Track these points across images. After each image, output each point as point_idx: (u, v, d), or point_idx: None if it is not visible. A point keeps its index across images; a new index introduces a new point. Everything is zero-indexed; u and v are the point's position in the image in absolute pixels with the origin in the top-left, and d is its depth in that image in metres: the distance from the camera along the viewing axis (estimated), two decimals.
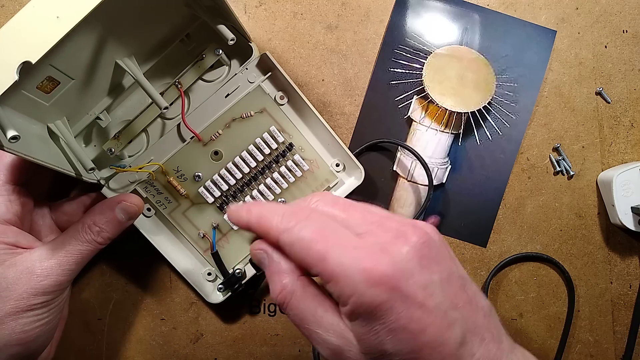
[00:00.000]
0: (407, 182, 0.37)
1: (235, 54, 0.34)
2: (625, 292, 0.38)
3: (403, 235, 0.21)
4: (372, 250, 0.20)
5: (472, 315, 0.21)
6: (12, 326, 0.26)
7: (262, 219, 0.23)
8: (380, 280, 0.19)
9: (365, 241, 0.21)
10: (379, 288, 0.19)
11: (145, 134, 0.34)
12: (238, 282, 0.35)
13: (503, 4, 0.37)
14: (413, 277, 0.20)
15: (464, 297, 0.21)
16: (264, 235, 0.23)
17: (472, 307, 0.21)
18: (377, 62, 0.37)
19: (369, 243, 0.21)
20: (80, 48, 0.26)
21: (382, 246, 0.20)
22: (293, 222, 0.22)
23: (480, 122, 0.37)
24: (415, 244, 0.20)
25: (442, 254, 0.21)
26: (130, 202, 0.31)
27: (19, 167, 0.29)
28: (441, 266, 0.21)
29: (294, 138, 0.35)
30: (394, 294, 0.19)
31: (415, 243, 0.21)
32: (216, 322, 0.37)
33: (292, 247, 0.22)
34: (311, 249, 0.21)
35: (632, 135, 0.38)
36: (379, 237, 0.21)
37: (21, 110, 0.27)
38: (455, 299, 0.21)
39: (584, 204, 0.38)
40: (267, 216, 0.23)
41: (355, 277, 0.20)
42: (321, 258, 0.21)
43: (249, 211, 0.24)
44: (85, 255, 0.29)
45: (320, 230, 0.21)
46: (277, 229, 0.22)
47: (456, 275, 0.21)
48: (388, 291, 0.19)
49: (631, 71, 0.37)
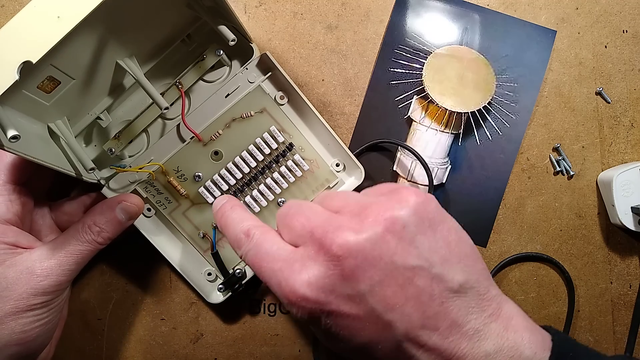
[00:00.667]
0: (407, 182, 0.37)
1: (236, 55, 0.34)
2: (625, 292, 0.38)
3: (323, 248, 0.21)
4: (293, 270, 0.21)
5: (420, 308, 0.20)
6: (12, 326, 0.26)
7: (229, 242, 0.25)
8: (298, 302, 0.21)
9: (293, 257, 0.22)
10: (300, 308, 0.21)
11: (145, 134, 0.34)
12: (238, 282, 0.35)
13: (503, 4, 0.37)
14: (334, 292, 0.20)
15: (410, 291, 0.20)
16: None
17: (421, 299, 0.20)
18: (377, 62, 0.37)
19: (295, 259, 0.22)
20: (81, 48, 0.26)
21: (304, 262, 0.21)
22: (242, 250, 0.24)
23: (480, 122, 0.37)
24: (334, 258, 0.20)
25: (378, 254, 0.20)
26: (131, 202, 0.31)
27: (19, 166, 0.29)
28: (373, 271, 0.20)
29: (294, 138, 0.35)
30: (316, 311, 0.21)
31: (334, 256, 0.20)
32: (216, 322, 0.37)
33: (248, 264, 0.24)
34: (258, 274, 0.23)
35: (632, 135, 0.38)
36: (307, 250, 0.22)
37: (22, 110, 0.27)
38: (393, 300, 0.20)
39: (584, 204, 0.38)
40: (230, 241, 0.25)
41: (282, 300, 0.21)
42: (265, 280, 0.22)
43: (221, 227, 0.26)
44: (85, 256, 0.29)
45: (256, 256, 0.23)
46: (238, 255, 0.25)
47: (399, 271, 0.20)
48: (309, 310, 0.21)
49: (631, 71, 0.37)
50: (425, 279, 0.21)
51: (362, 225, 0.21)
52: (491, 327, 0.21)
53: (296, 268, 0.21)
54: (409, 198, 0.22)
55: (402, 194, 0.22)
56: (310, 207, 0.23)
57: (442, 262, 0.21)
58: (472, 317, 0.21)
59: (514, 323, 0.22)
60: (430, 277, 0.21)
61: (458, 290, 0.21)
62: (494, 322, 0.21)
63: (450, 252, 0.22)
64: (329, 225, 0.21)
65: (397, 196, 0.22)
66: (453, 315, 0.20)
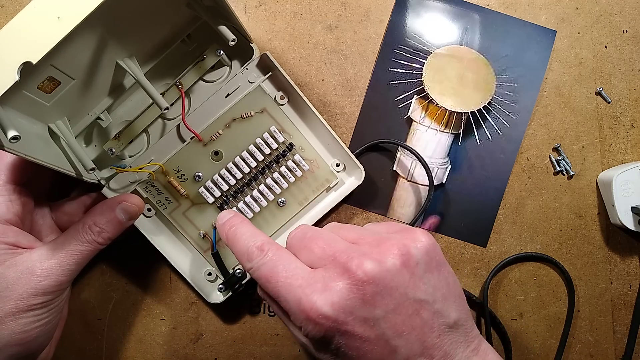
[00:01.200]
0: (407, 182, 0.37)
1: (236, 55, 0.34)
2: (625, 292, 0.38)
3: (347, 272, 0.23)
4: (314, 288, 0.22)
5: (422, 337, 0.23)
6: (12, 326, 0.26)
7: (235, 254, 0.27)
8: (317, 319, 0.22)
9: (313, 278, 0.23)
10: (317, 325, 0.22)
11: (145, 134, 0.34)
12: (238, 282, 0.35)
13: (503, 4, 0.37)
14: (352, 314, 0.22)
15: (416, 322, 0.23)
16: None
17: (424, 330, 0.23)
18: (377, 62, 0.37)
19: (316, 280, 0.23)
20: (81, 48, 0.26)
21: (327, 283, 0.22)
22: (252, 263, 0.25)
23: (480, 122, 0.37)
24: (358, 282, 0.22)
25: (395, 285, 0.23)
26: (131, 202, 0.31)
27: (19, 167, 0.29)
28: (389, 299, 0.22)
29: (294, 138, 0.35)
30: (332, 329, 0.22)
31: (359, 281, 0.22)
32: (216, 322, 0.37)
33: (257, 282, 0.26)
34: (267, 287, 0.24)
35: (632, 135, 0.38)
36: (329, 272, 0.23)
37: (22, 111, 0.27)
38: (401, 327, 0.22)
39: (584, 204, 0.38)
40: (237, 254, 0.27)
41: (298, 315, 0.23)
42: (275, 295, 0.24)
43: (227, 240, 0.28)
44: (85, 256, 0.29)
45: (271, 270, 0.24)
46: (245, 268, 0.26)
47: (410, 302, 0.23)
48: (326, 328, 0.22)
49: (631, 71, 0.37)
50: (429, 312, 0.23)
51: (383, 256, 0.23)
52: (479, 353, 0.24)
53: (318, 287, 0.22)
54: (422, 238, 0.24)
55: (416, 234, 0.25)
56: (329, 234, 0.26)
57: (443, 300, 0.24)
58: (460, 351, 0.23)
59: (489, 358, 0.24)
60: (432, 312, 0.23)
61: (452, 326, 0.23)
62: (475, 356, 0.24)
63: (448, 292, 0.24)
64: (353, 252, 0.23)
65: (412, 235, 0.25)
66: (446, 348, 0.23)
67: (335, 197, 0.36)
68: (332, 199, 0.36)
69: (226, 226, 0.28)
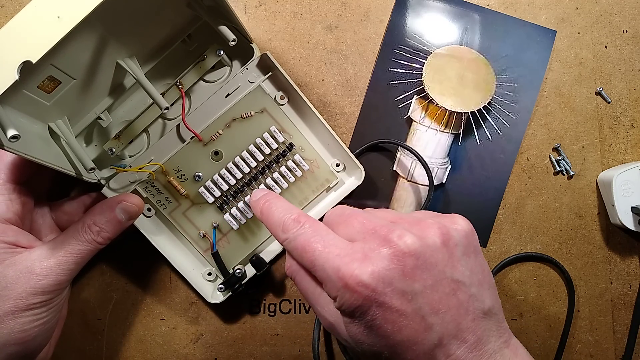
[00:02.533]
0: (407, 182, 0.37)
1: (237, 55, 0.34)
2: (625, 292, 0.38)
3: (389, 243, 0.22)
4: (354, 257, 0.22)
5: (457, 319, 0.22)
6: (11, 325, 0.26)
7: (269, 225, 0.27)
8: (356, 287, 0.22)
9: (352, 248, 0.23)
10: (355, 294, 0.22)
11: (146, 134, 0.34)
12: (238, 282, 0.35)
13: (503, 4, 0.37)
14: (391, 285, 0.22)
15: (452, 302, 0.22)
16: None
17: (459, 312, 0.22)
18: (377, 62, 0.37)
19: (355, 250, 0.23)
20: (82, 48, 0.26)
21: (366, 253, 0.22)
22: (289, 234, 0.25)
23: (480, 122, 0.37)
24: (399, 253, 0.22)
25: (434, 261, 0.22)
26: (131, 202, 0.31)
27: (19, 166, 0.29)
28: (428, 274, 0.22)
29: (294, 138, 0.35)
30: (370, 299, 0.21)
31: (400, 252, 0.22)
32: (216, 322, 0.37)
33: (291, 253, 0.26)
34: (303, 258, 0.24)
35: (632, 135, 0.38)
36: (368, 243, 0.23)
37: (22, 110, 0.27)
38: (438, 305, 0.22)
39: (584, 204, 0.38)
40: (272, 225, 0.27)
41: (336, 283, 0.22)
42: (310, 265, 0.24)
43: (262, 214, 0.28)
44: (84, 255, 0.29)
45: (309, 240, 0.24)
46: (279, 238, 0.26)
47: (447, 281, 0.22)
48: (364, 297, 0.22)
49: (631, 71, 0.37)
50: (465, 294, 0.23)
51: (423, 233, 0.23)
52: (504, 352, 0.23)
53: (358, 257, 0.22)
54: (462, 222, 0.25)
55: (455, 218, 0.25)
56: (367, 212, 0.26)
57: (479, 285, 0.23)
58: (492, 340, 0.23)
59: (520, 352, 0.24)
60: (469, 294, 0.23)
61: (486, 313, 0.23)
62: (506, 349, 0.23)
63: (484, 278, 0.24)
64: (394, 226, 0.23)
65: (451, 218, 0.25)
66: (479, 333, 0.22)
67: (335, 197, 0.36)
68: (332, 199, 0.36)
69: (261, 201, 0.28)
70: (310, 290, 0.25)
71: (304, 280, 0.25)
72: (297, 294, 0.37)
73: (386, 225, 0.23)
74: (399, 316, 0.22)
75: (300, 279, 0.26)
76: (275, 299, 0.37)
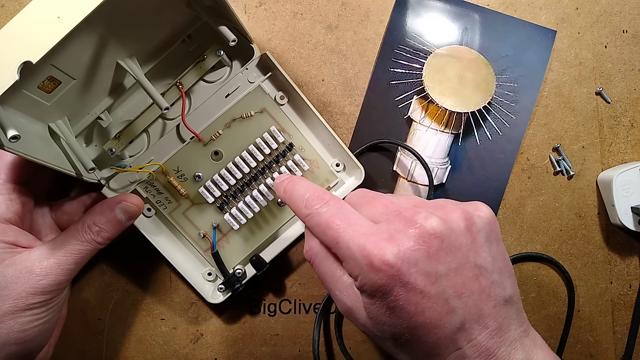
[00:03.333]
0: (407, 182, 0.37)
1: (237, 55, 0.34)
2: (625, 292, 0.38)
3: (414, 224, 0.22)
4: (380, 237, 0.22)
5: (479, 304, 0.22)
6: (11, 325, 0.26)
7: (292, 202, 0.27)
8: (381, 266, 0.21)
9: (378, 228, 0.23)
10: (380, 273, 0.21)
11: (146, 134, 0.34)
12: (238, 282, 0.35)
13: (503, 4, 0.37)
14: (416, 265, 0.21)
15: (475, 287, 0.22)
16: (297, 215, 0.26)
17: (481, 297, 0.22)
18: (377, 62, 0.37)
19: (380, 230, 0.22)
20: (82, 48, 0.26)
21: (392, 234, 0.22)
22: (312, 209, 0.25)
23: (480, 122, 0.37)
24: (424, 234, 0.22)
25: (458, 245, 0.22)
26: (131, 202, 0.31)
27: (19, 166, 0.29)
28: (452, 257, 0.22)
29: (294, 138, 0.35)
30: (394, 279, 0.21)
31: (425, 233, 0.22)
32: (216, 322, 0.37)
33: (313, 230, 0.25)
34: (326, 234, 0.24)
35: (632, 135, 0.38)
36: (393, 225, 0.23)
37: (22, 110, 0.27)
38: (461, 289, 0.22)
39: (584, 204, 0.38)
40: (295, 201, 0.26)
41: (360, 261, 0.22)
42: (333, 242, 0.23)
43: (285, 192, 0.28)
44: (84, 255, 0.29)
45: (334, 216, 0.24)
46: (302, 214, 0.26)
47: (470, 265, 0.22)
48: (388, 276, 0.21)
49: (631, 71, 0.37)
50: (487, 280, 0.23)
51: (447, 216, 0.23)
52: (524, 341, 0.23)
53: (384, 237, 0.22)
54: (484, 209, 0.25)
55: (478, 204, 0.25)
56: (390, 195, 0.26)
57: (500, 272, 0.23)
58: (512, 328, 0.23)
59: (539, 343, 0.24)
60: (490, 280, 0.23)
61: (507, 300, 0.23)
62: (525, 338, 0.23)
63: (505, 266, 0.24)
64: (418, 209, 0.23)
65: (475, 205, 0.25)
66: (500, 320, 0.22)
67: None
68: None
69: (285, 182, 0.28)
70: (330, 273, 0.25)
71: (324, 263, 0.25)
72: (297, 294, 0.37)
73: (410, 207, 0.23)
74: (422, 297, 0.21)
75: (319, 261, 0.25)
76: (275, 299, 0.37)
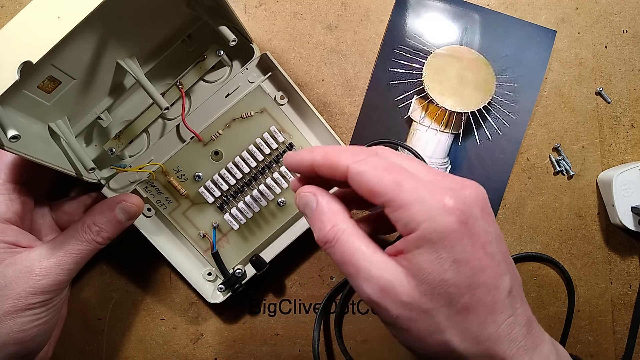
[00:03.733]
0: None
1: (237, 55, 0.34)
2: (625, 292, 0.38)
3: (468, 187, 0.21)
4: (443, 189, 0.21)
5: (516, 275, 0.22)
6: (10, 325, 0.26)
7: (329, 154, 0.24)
8: (453, 210, 0.20)
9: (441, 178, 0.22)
10: (452, 217, 0.20)
11: (146, 134, 0.34)
12: (238, 282, 0.35)
13: (503, 4, 0.37)
14: (478, 220, 0.21)
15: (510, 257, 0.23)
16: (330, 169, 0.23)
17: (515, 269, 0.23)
18: (377, 62, 0.37)
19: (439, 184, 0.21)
20: (82, 48, 0.26)
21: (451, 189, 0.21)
22: (364, 155, 0.23)
23: (480, 122, 0.37)
24: (478, 196, 0.21)
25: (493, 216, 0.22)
26: (130, 202, 0.31)
27: (19, 166, 0.29)
28: (495, 224, 0.22)
29: (294, 138, 0.35)
30: (464, 227, 0.20)
31: (478, 196, 0.21)
32: (216, 322, 0.37)
33: (363, 174, 0.22)
34: (384, 177, 0.21)
35: (632, 135, 0.38)
36: (446, 183, 0.22)
37: (22, 110, 0.27)
38: (505, 254, 0.22)
39: (584, 204, 0.38)
40: (336, 151, 0.23)
41: (430, 203, 0.20)
42: (395, 185, 0.21)
43: (312, 151, 0.24)
44: (84, 255, 0.29)
45: (391, 164, 0.22)
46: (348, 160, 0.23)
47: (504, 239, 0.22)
48: (459, 222, 0.20)
49: (631, 71, 0.37)
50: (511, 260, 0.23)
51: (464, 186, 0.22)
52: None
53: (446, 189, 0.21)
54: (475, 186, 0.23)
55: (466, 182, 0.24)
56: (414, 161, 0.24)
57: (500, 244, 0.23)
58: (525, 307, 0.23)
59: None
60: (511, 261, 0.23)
61: None
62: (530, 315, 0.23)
63: None
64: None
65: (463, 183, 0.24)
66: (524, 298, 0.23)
67: None
68: None
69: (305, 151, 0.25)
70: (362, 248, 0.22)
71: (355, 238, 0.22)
72: (297, 294, 0.37)
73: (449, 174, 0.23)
74: (484, 254, 0.20)
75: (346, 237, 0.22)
76: (275, 299, 0.37)
